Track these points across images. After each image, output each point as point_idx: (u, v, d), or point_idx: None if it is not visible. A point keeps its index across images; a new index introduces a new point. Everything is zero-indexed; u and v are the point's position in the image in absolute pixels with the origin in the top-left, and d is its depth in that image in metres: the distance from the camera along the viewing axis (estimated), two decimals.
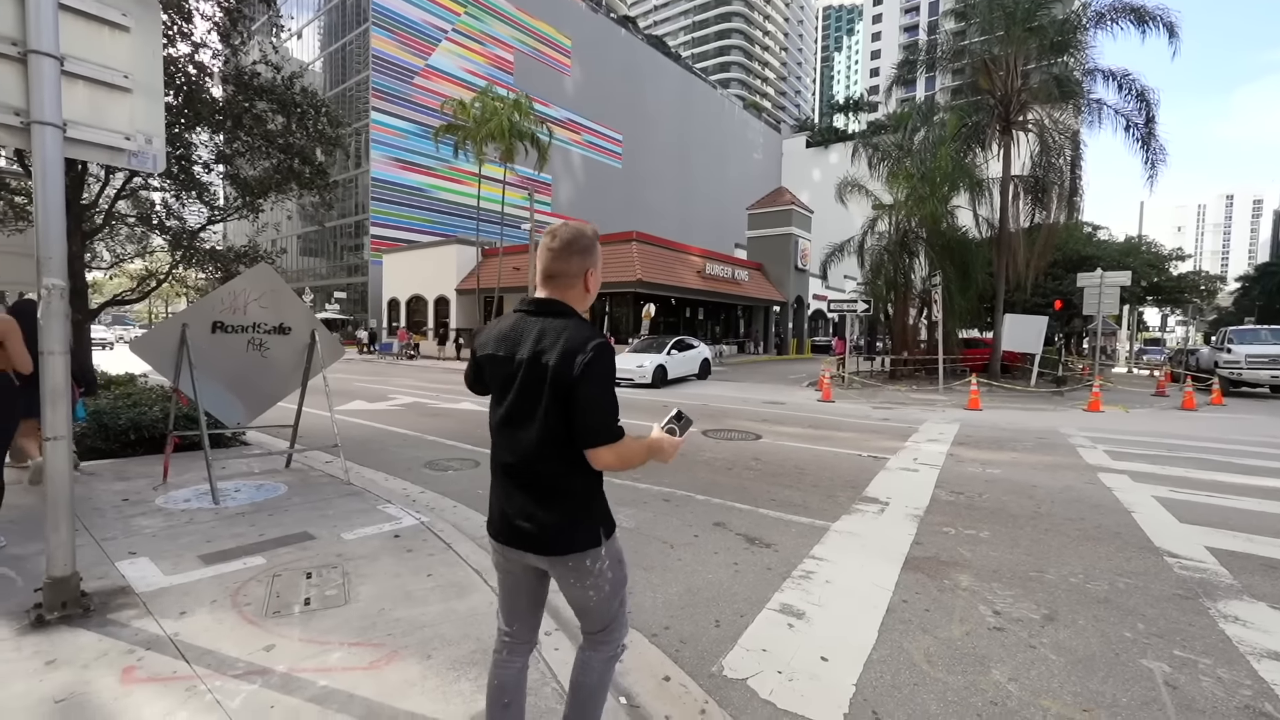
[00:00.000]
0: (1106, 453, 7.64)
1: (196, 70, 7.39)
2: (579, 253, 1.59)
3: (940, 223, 17.77)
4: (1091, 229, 30.89)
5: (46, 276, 2.64)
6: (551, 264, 1.59)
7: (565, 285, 1.60)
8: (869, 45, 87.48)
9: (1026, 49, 17.17)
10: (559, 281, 1.60)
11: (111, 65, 2.86)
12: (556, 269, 1.59)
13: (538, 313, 1.57)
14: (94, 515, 4.07)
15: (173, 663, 2.34)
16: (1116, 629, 3.02)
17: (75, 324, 7.54)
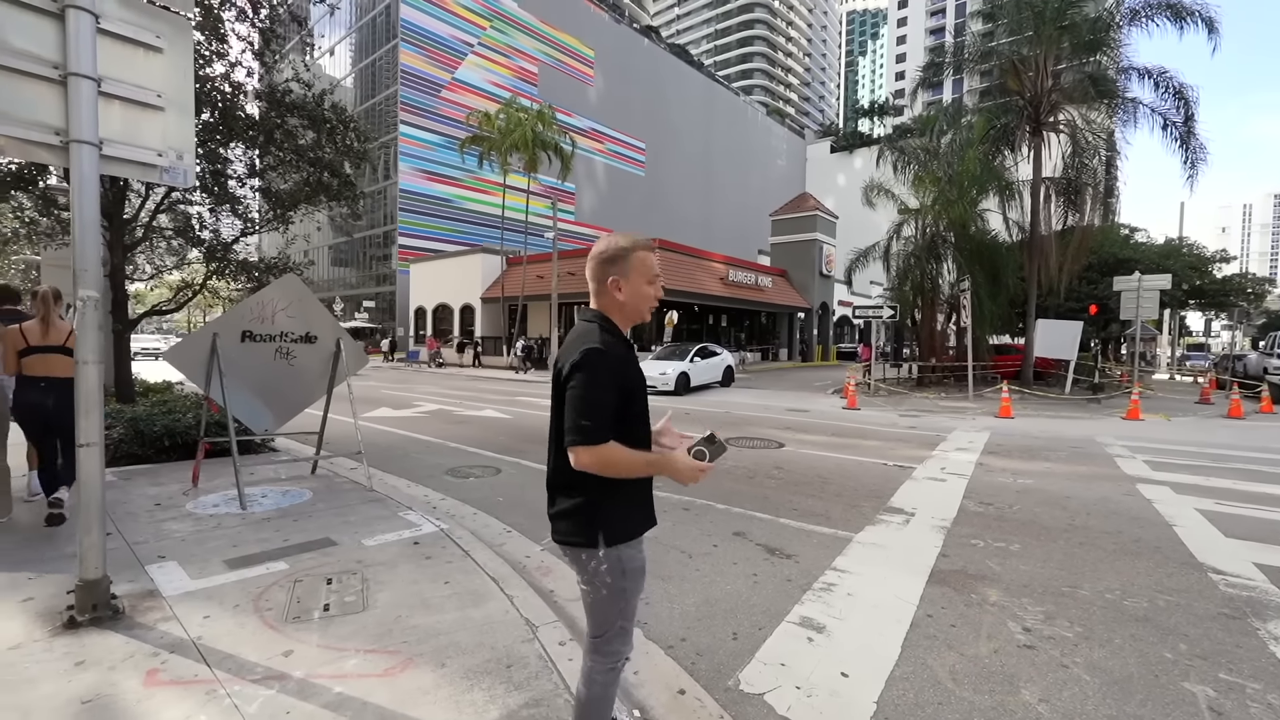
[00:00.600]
0: (1146, 463, 7.35)
1: (231, 88, 7.64)
2: (604, 262, 1.70)
3: (969, 226, 17.44)
4: (1128, 231, 29.89)
5: (82, 288, 2.74)
6: (587, 273, 1.75)
7: (597, 293, 1.73)
8: (894, 49, 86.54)
9: (1057, 49, 16.78)
10: (592, 289, 1.74)
11: (145, 85, 2.96)
12: (589, 277, 1.74)
13: (582, 319, 1.77)
14: (128, 520, 4.19)
15: (195, 666, 2.38)
16: (1156, 649, 2.88)
17: (115, 334, 7.87)
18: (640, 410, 1.68)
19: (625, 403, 1.61)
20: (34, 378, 4.07)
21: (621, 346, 1.66)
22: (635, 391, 1.65)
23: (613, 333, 1.67)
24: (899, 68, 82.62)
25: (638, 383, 1.66)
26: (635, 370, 1.67)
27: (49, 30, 2.68)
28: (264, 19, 7.99)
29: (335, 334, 5.50)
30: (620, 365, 1.61)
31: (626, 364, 1.64)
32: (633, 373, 1.66)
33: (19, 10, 2.63)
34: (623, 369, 1.62)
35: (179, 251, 9.66)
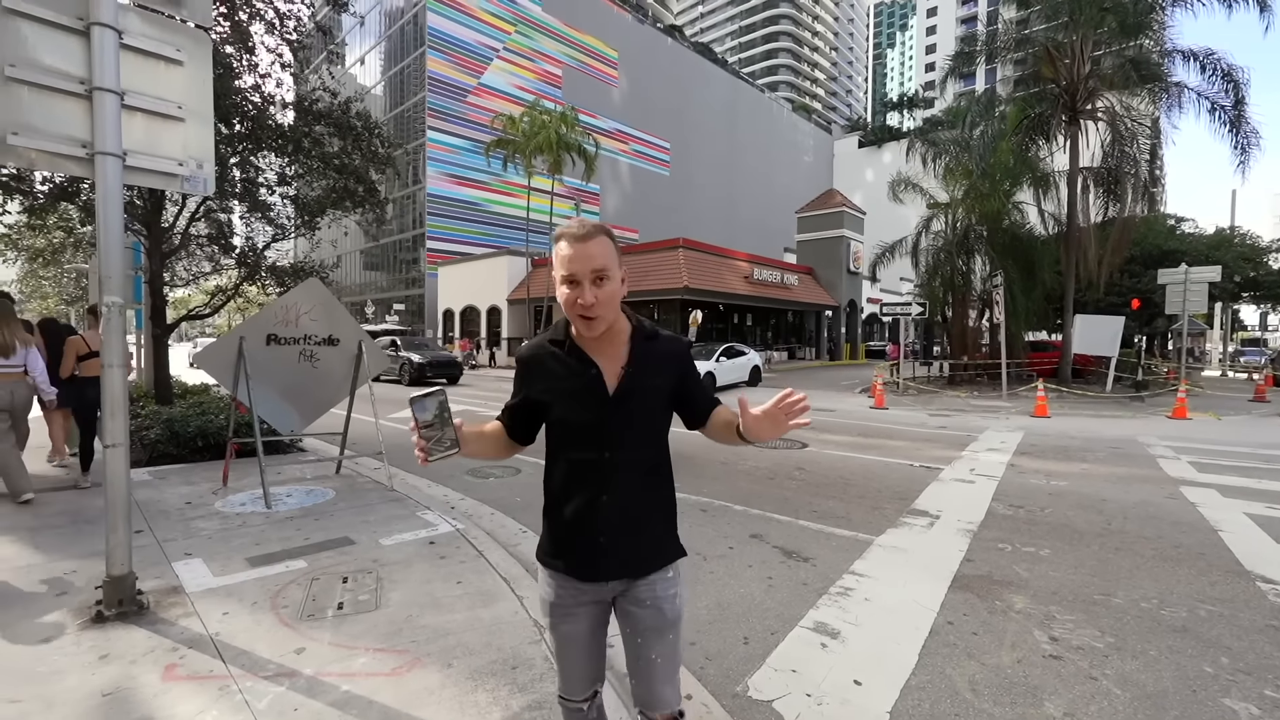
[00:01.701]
0: (1191, 464, 7.02)
1: (261, 99, 7.87)
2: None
3: (1002, 220, 16.94)
4: (1174, 221, 28.61)
5: (108, 294, 2.83)
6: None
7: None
8: (923, 40, 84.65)
9: (1095, 33, 16.16)
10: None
11: (166, 97, 3.05)
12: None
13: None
14: (160, 517, 4.33)
15: (210, 662, 2.44)
16: (1195, 662, 2.73)
17: (155, 338, 8.15)
18: (561, 420, 1.40)
19: (532, 409, 1.46)
20: (90, 378, 5.23)
21: (545, 349, 1.42)
22: (545, 401, 1.41)
23: (554, 333, 1.43)
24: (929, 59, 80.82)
25: (549, 392, 1.40)
26: (547, 377, 1.41)
27: (75, 47, 2.78)
28: (291, 31, 8.20)
29: (357, 337, 5.61)
30: (530, 367, 1.44)
31: (531, 368, 1.43)
32: (541, 381, 1.41)
33: (49, 29, 2.73)
34: (531, 372, 1.44)
35: (214, 258, 9.99)
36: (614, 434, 1.36)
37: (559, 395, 1.39)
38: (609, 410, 1.36)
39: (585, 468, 1.38)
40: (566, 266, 1.30)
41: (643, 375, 1.39)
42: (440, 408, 1.27)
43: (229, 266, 9.40)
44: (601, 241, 1.32)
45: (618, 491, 1.38)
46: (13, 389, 4.65)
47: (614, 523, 1.38)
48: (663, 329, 1.50)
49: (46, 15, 2.68)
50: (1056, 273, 17.35)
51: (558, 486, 1.44)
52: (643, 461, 1.42)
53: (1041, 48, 17.08)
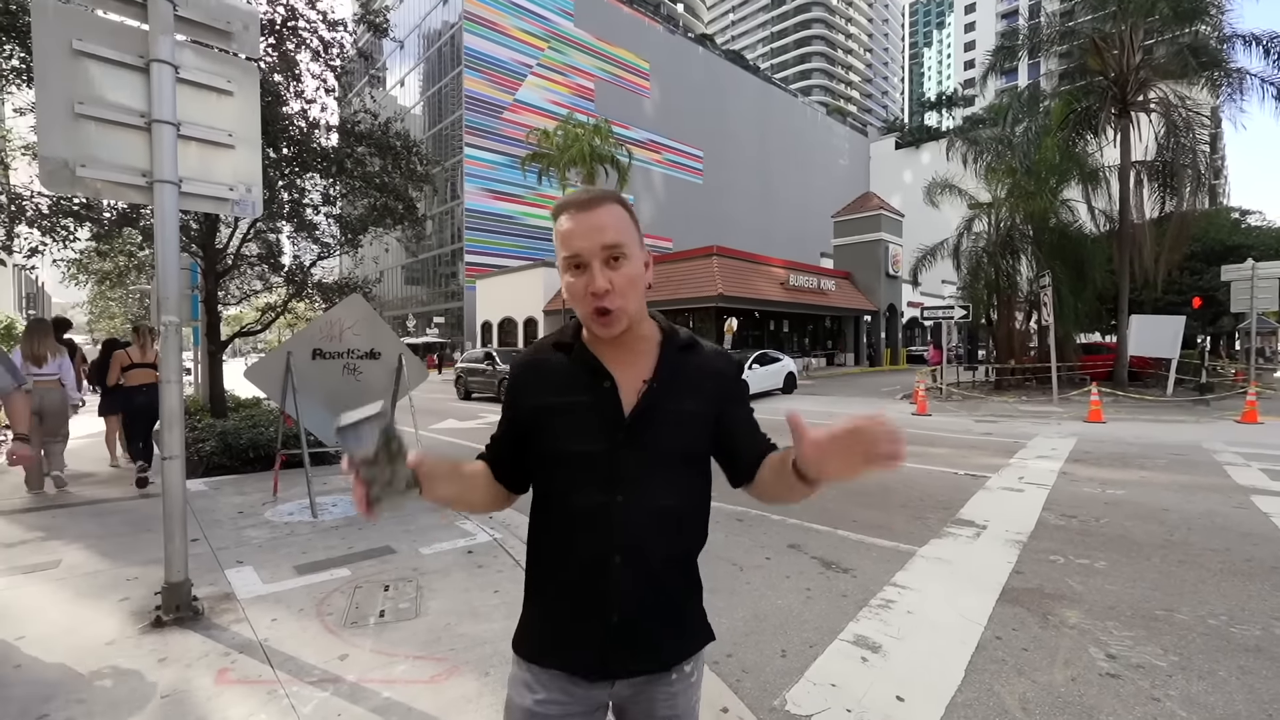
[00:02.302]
0: (1263, 471, 6.59)
1: (306, 124, 8.22)
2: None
3: (1048, 218, 16.32)
4: (1239, 214, 27.08)
5: (165, 314, 3.00)
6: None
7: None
8: (961, 37, 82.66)
9: (1146, 21, 15.50)
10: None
11: (218, 126, 3.22)
12: None
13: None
14: (214, 526, 4.53)
15: (260, 667, 2.53)
16: (1271, 684, 2.55)
17: (210, 354, 8.55)
18: (556, 448, 1.04)
19: (521, 434, 1.09)
20: (136, 386, 6.07)
21: (547, 352, 1.10)
22: (537, 422, 1.05)
23: (560, 334, 1.11)
24: (967, 56, 78.84)
25: (543, 410, 1.05)
26: (543, 388, 1.07)
27: (136, 83, 2.97)
28: (335, 58, 8.56)
29: (397, 350, 5.77)
30: (521, 377, 1.10)
31: (525, 377, 1.10)
32: (535, 395, 1.07)
33: (113, 68, 2.93)
34: (521, 384, 1.10)
35: (264, 276, 10.46)
36: (629, 471, 1.01)
37: (556, 412, 1.04)
38: (622, 437, 1.01)
39: (589, 518, 1.01)
40: (570, 244, 0.99)
41: (672, 394, 1.04)
42: (386, 436, 0.88)
43: (278, 284, 9.81)
44: (613, 210, 1.01)
45: (635, 552, 1.01)
46: (43, 394, 5.59)
47: (631, 595, 1.01)
48: (705, 340, 1.17)
49: (111, 55, 2.87)
50: (1109, 272, 16.62)
51: (550, 545, 1.07)
52: (669, 513, 1.05)
53: (1088, 39, 16.51)
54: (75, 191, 2.99)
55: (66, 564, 3.74)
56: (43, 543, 4.16)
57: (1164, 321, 14.88)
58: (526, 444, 1.08)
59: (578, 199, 1.02)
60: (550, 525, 1.07)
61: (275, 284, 10.08)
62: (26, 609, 3.10)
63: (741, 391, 1.15)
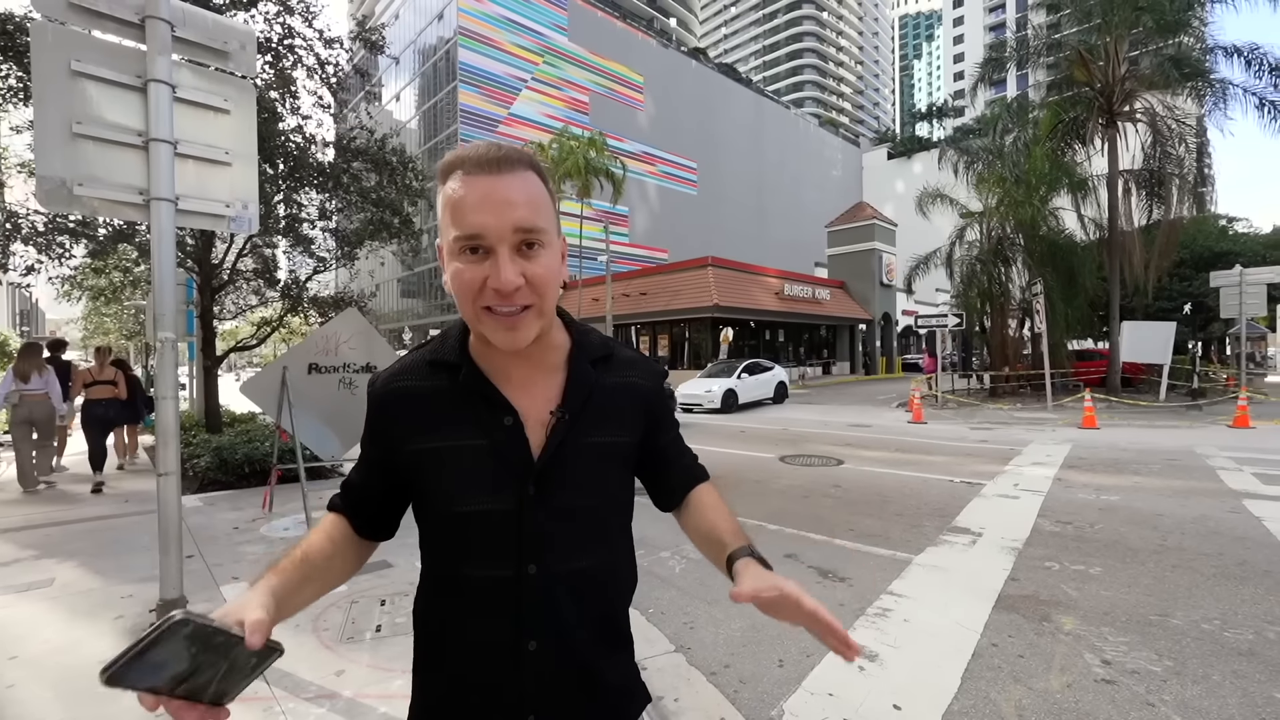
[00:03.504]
0: (1255, 476, 6.63)
1: (302, 139, 8.28)
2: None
3: (1039, 227, 16.50)
4: (1227, 221, 27.44)
5: (161, 330, 3.01)
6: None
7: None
8: (950, 49, 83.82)
9: (1131, 34, 15.79)
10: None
11: (215, 143, 3.26)
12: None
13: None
14: (209, 542, 4.51)
15: (255, 684, 2.51)
16: (1264, 688, 2.57)
17: (205, 369, 8.54)
18: (448, 509, 0.80)
19: (394, 485, 0.85)
20: (96, 399, 6.98)
21: (420, 378, 0.83)
22: (415, 470, 0.81)
23: (436, 350, 0.85)
24: (956, 68, 79.93)
25: (422, 456, 0.80)
26: (422, 428, 0.81)
27: (134, 102, 3.00)
28: (331, 75, 8.64)
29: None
30: (389, 410, 0.83)
31: (392, 411, 0.83)
32: (408, 434, 0.81)
33: (110, 88, 2.96)
34: (388, 418, 0.83)
35: (260, 291, 10.47)
36: (540, 531, 0.79)
37: (441, 460, 0.79)
38: (532, 489, 0.79)
39: (491, 595, 0.79)
40: (466, 220, 0.72)
41: (588, 424, 0.83)
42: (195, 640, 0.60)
43: (274, 299, 9.82)
44: (528, 179, 0.75)
45: (554, 633, 0.80)
46: (31, 407, 6.37)
47: (551, 688, 0.80)
48: (622, 345, 0.94)
49: (109, 75, 2.90)
50: (1100, 279, 16.79)
51: (440, 626, 0.84)
52: (593, 575, 0.83)
53: (1074, 51, 16.77)
54: (73, 210, 3.02)
55: (60, 582, 3.72)
56: (36, 561, 4.14)
57: (1155, 328, 15.01)
58: (400, 492, 0.85)
59: (479, 155, 0.74)
60: (439, 601, 0.83)
61: (271, 298, 10.10)
62: (20, 628, 3.08)
63: (668, 409, 0.95)
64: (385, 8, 55.31)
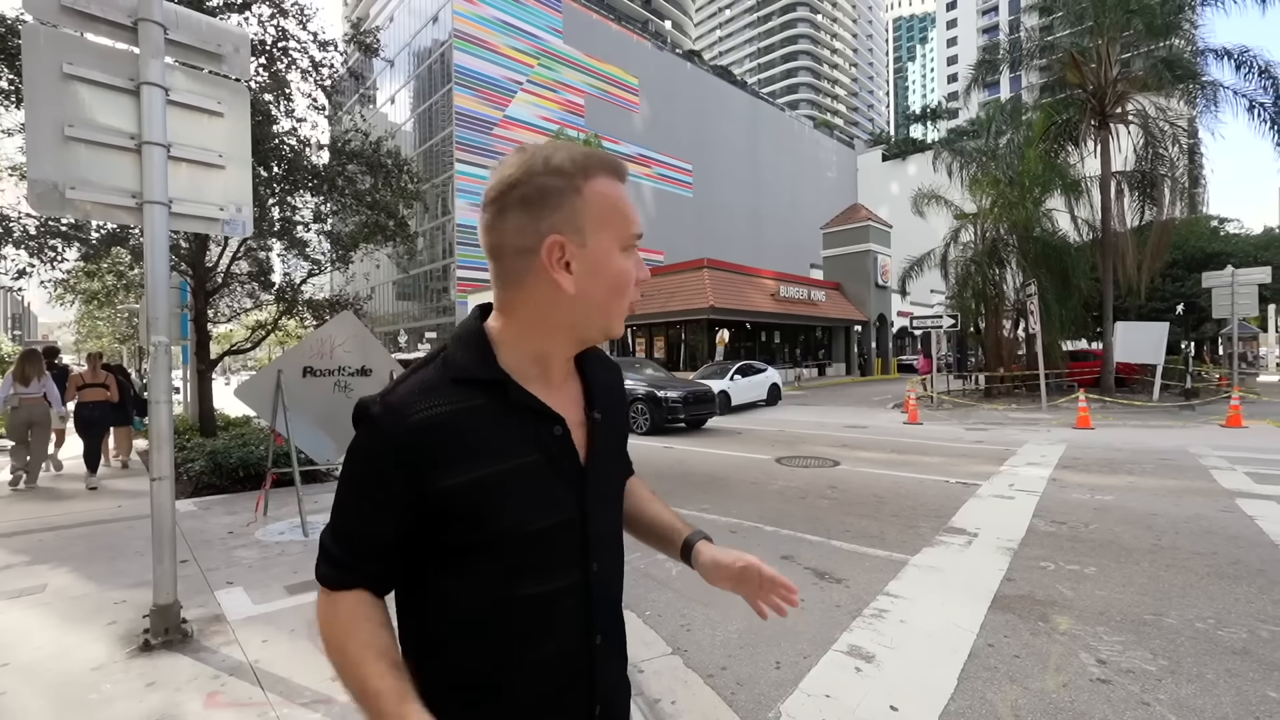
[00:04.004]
0: (1248, 475, 6.67)
1: (297, 142, 8.26)
2: (525, 202, 0.75)
3: (1032, 228, 16.59)
4: (1218, 222, 27.64)
5: (154, 334, 3.00)
6: (482, 237, 0.80)
7: (501, 278, 0.79)
8: (944, 52, 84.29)
9: (1122, 36, 15.92)
10: (492, 270, 0.80)
11: (209, 146, 3.25)
12: (487, 245, 0.79)
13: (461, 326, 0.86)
14: (203, 547, 4.49)
15: (250, 689, 2.50)
16: (1257, 686, 2.58)
17: (199, 373, 8.49)
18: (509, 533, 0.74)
19: (447, 529, 0.73)
20: (88, 401, 7.26)
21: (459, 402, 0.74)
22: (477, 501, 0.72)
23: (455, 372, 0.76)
24: (950, 70, 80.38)
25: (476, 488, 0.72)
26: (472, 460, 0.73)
27: (127, 105, 2.99)
28: (325, 78, 8.62)
29: (389, 367, 5.76)
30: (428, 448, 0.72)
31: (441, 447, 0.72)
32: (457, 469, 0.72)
33: (103, 90, 2.95)
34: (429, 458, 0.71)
35: (254, 294, 10.43)
36: (599, 533, 0.82)
37: (503, 486, 0.74)
38: (587, 493, 0.81)
39: (557, 603, 0.78)
40: (634, 219, 0.80)
41: (608, 422, 0.87)
42: None
43: (268, 302, 9.79)
44: None
45: (613, 625, 0.86)
46: (29, 411, 6.67)
47: (610, 677, 0.84)
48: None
49: (101, 78, 2.89)
50: (1093, 279, 16.88)
51: (498, 657, 0.76)
52: (618, 561, 0.88)
53: (1066, 53, 16.87)
54: (65, 213, 3.00)
55: (53, 588, 3.69)
56: (28, 567, 4.11)
57: (1147, 328, 15.10)
58: (412, 539, 0.75)
59: (617, 162, 0.79)
60: (492, 631, 0.76)
61: (265, 301, 10.06)
62: (12, 634, 3.06)
63: (626, 399, 1.02)
64: (380, 10, 55.27)
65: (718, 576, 0.92)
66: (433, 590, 0.77)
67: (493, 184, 0.77)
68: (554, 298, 0.76)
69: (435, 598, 0.77)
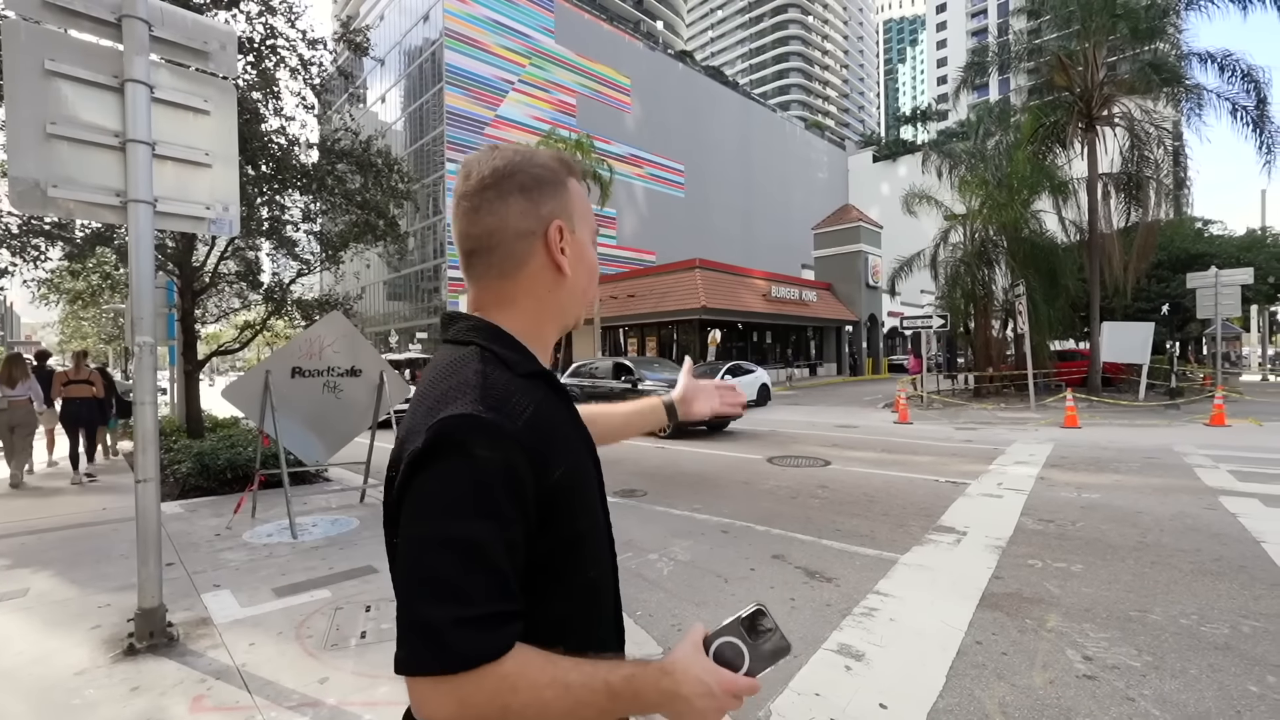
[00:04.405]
0: (1231, 473, 6.76)
1: (286, 141, 8.19)
2: (524, 190, 0.75)
3: (1021, 229, 16.76)
4: (1202, 224, 28.00)
5: (139, 334, 2.96)
6: (467, 227, 0.76)
7: (496, 268, 0.77)
8: (934, 54, 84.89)
9: (1108, 40, 16.11)
10: (480, 262, 0.77)
11: (195, 145, 3.21)
12: (476, 234, 0.76)
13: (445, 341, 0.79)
14: (190, 549, 4.44)
15: (237, 693, 2.48)
16: (1239, 681, 2.62)
17: (186, 373, 8.40)
18: (589, 528, 0.74)
19: (551, 526, 0.67)
20: (73, 398, 7.51)
21: (540, 395, 0.72)
22: (575, 489, 0.71)
23: (518, 369, 0.72)
24: (940, 72, 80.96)
25: (579, 468, 0.73)
26: (567, 447, 0.72)
27: (111, 103, 2.95)
28: (314, 76, 8.55)
29: (379, 367, 5.73)
30: (540, 444, 0.66)
31: (552, 435, 0.69)
32: (567, 448, 0.72)
33: (86, 88, 2.91)
34: (543, 454, 0.66)
35: (243, 294, 10.33)
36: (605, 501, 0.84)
37: (586, 469, 0.76)
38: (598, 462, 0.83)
39: (603, 585, 0.79)
40: (590, 216, 0.84)
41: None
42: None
43: (257, 302, 9.70)
44: None
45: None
46: (14, 413, 6.91)
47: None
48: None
49: (85, 75, 2.86)
50: (1080, 280, 17.07)
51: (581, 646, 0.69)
52: None
53: (1054, 56, 17.05)
54: (47, 212, 2.96)
55: (35, 592, 3.64)
56: (9, 571, 4.05)
57: (1134, 328, 15.28)
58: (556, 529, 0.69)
59: (580, 167, 0.85)
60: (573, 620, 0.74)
61: (254, 302, 9.97)
62: None
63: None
64: (370, 9, 54.90)
65: (694, 409, 1.21)
66: (551, 600, 0.71)
67: (484, 172, 0.76)
68: (553, 283, 0.79)
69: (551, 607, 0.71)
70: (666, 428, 1.24)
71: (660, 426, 1.21)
